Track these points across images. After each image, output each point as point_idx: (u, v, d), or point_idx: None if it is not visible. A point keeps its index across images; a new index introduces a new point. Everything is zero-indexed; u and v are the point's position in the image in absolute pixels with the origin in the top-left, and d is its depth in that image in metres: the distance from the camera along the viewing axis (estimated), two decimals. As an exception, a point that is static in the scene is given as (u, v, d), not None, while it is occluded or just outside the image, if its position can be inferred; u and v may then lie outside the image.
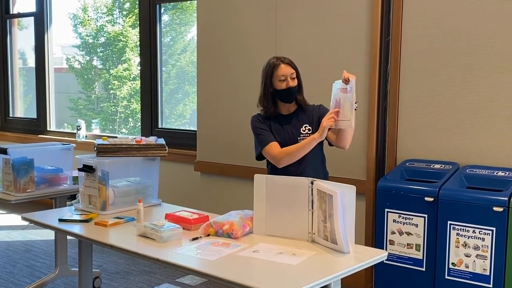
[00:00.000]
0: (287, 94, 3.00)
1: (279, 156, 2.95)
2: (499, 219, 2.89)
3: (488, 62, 3.29)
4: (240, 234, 2.56)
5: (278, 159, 2.96)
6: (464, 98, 3.38)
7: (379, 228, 3.33)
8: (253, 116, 3.10)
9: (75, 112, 7.15)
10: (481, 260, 2.96)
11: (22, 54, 7.24)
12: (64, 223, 2.87)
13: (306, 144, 2.91)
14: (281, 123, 3.05)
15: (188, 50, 5.98)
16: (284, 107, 3.06)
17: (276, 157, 2.96)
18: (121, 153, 3.19)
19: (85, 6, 6.79)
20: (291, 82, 2.97)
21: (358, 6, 3.73)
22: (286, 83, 2.97)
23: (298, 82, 3.02)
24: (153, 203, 3.28)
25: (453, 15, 3.39)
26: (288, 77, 2.97)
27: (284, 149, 2.96)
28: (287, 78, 2.97)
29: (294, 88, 2.99)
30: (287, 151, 2.95)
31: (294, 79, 2.99)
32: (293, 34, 4.04)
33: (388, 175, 3.46)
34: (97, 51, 6.96)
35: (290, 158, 2.95)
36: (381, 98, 3.69)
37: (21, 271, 4.31)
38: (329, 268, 2.20)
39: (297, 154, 2.93)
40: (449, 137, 3.45)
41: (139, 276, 4.19)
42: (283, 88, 2.98)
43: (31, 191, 3.60)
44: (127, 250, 2.47)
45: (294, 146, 2.95)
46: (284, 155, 2.95)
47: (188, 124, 5.94)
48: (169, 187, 4.68)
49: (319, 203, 2.43)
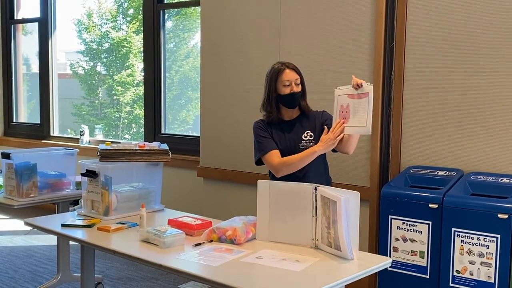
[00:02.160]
0: (291, 100, 2.99)
1: (278, 166, 2.94)
2: (504, 226, 2.87)
3: (492, 69, 3.28)
4: (243, 240, 2.55)
5: (277, 170, 2.95)
6: (468, 105, 3.37)
7: (383, 235, 3.31)
8: (255, 122, 3.10)
9: (79, 117, 7.16)
10: (485, 267, 2.94)
11: (26, 59, 7.27)
12: (66, 228, 2.87)
13: (307, 156, 2.89)
14: (283, 129, 3.04)
15: (191, 56, 5.99)
16: (287, 112, 3.05)
17: (275, 168, 2.95)
18: (124, 158, 3.18)
19: (89, 12, 6.81)
20: (295, 88, 2.97)
21: (362, 13, 3.73)
22: (290, 88, 2.96)
23: (302, 88, 3.01)
24: (156, 209, 3.27)
25: (458, 22, 3.38)
26: (293, 83, 2.96)
27: (284, 160, 2.94)
28: (292, 83, 2.96)
29: (298, 94, 2.99)
30: (286, 162, 2.92)
31: (298, 85, 2.99)
32: (297, 41, 4.03)
33: (392, 181, 3.44)
34: (101, 57, 6.98)
35: (289, 169, 2.92)
36: (385, 104, 3.68)
37: (23, 277, 4.30)
38: (332, 275, 2.18)
39: (297, 165, 2.91)
40: (453, 143, 3.43)
41: (141, 282, 4.18)
42: (287, 93, 2.97)
43: (34, 196, 3.59)
44: (130, 255, 2.46)
45: (294, 157, 2.91)
46: (283, 166, 2.93)
47: (191, 130, 5.94)
48: (172, 193, 4.67)
49: (323, 209, 2.42)
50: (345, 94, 2.85)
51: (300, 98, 3.02)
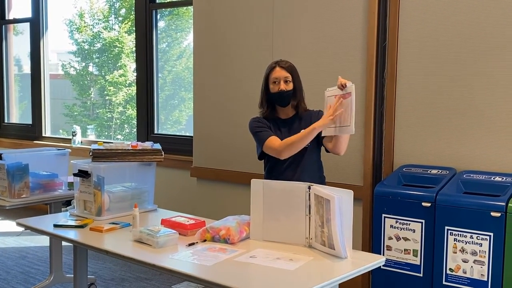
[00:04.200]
0: (279, 98, 2.98)
1: (280, 147, 2.92)
2: (497, 224, 2.88)
3: (485, 68, 3.29)
4: (237, 240, 2.54)
5: (279, 151, 2.92)
6: (461, 103, 3.38)
7: (376, 234, 3.31)
8: (251, 119, 3.10)
9: (71, 118, 7.13)
10: (478, 265, 2.95)
11: (18, 60, 7.23)
12: (59, 229, 2.85)
13: (307, 134, 2.86)
14: (279, 127, 3.04)
15: (184, 56, 5.98)
16: (282, 111, 3.05)
17: (277, 149, 2.93)
18: (117, 158, 3.17)
19: (81, 12, 6.78)
20: (283, 86, 2.95)
21: (354, 11, 3.73)
22: (278, 86, 2.96)
23: (294, 87, 3.00)
24: (149, 209, 3.26)
25: (450, 20, 3.40)
26: (281, 81, 2.96)
27: (285, 140, 2.92)
28: (280, 81, 2.96)
29: (287, 92, 2.97)
30: (287, 141, 2.90)
31: (288, 83, 2.97)
32: (290, 39, 4.03)
33: (385, 180, 3.45)
34: (93, 57, 6.95)
35: (291, 148, 2.90)
36: (378, 103, 3.68)
37: (15, 278, 4.27)
38: (326, 274, 2.18)
39: (299, 144, 2.89)
40: (446, 142, 3.44)
41: (134, 282, 4.16)
42: (275, 92, 2.97)
43: (26, 197, 3.57)
44: (123, 255, 2.45)
45: (295, 137, 2.90)
46: (285, 146, 2.90)
47: (184, 130, 5.93)
48: (165, 193, 4.66)
49: (317, 208, 2.42)
50: (333, 95, 2.85)
51: (291, 96, 3.00)
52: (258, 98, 3.10)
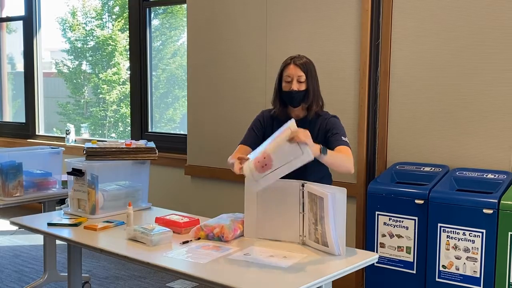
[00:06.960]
0: (289, 97, 2.77)
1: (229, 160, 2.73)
2: (489, 221, 2.90)
3: (477, 66, 3.31)
4: (231, 237, 2.55)
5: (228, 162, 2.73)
6: (454, 101, 3.40)
7: (369, 231, 3.33)
8: (261, 111, 2.94)
9: (64, 116, 7.11)
10: (471, 262, 2.97)
11: (11, 58, 7.20)
12: (53, 227, 2.85)
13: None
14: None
15: (178, 55, 5.97)
16: (293, 111, 2.83)
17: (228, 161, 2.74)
18: (111, 156, 3.17)
19: (74, 11, 6.76)
20: (296, 85, 2.73)
21: (348, 10, 3.74)
22: (290, 85, 2.74)
23: (307, 88, 2.75)
24: (143, 207, 3.26)
25: (443, 18, 3.41)
26: (294, 79, 2.74)
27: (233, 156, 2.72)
28: (293, 80, 2.74)
29: (298, 93, 2.74)
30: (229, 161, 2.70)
31: (301, 83, 2.74)
32: (284, 37, 4.04)
33: (379, 178, 3.46)
34: (86, 55, 6.93)
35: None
36: (371, 101, 3.69)
37: (9, 277, 4.26)
38: (320, 271, 2.19)
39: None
40: (439, 140, 3.46)
41: (129, 280, 4.16)
42: (286, 91, 2.76)
43: (19, 196, 3.56)
44: (117, 254, 2.45)
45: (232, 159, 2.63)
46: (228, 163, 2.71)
47: (178, 129, 5.92)
48: (159, 191, 4.66)
49: (310, 206, 2.43)
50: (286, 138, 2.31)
51: (302, 98, 2.76)
52: (251, 96, 3.09)
